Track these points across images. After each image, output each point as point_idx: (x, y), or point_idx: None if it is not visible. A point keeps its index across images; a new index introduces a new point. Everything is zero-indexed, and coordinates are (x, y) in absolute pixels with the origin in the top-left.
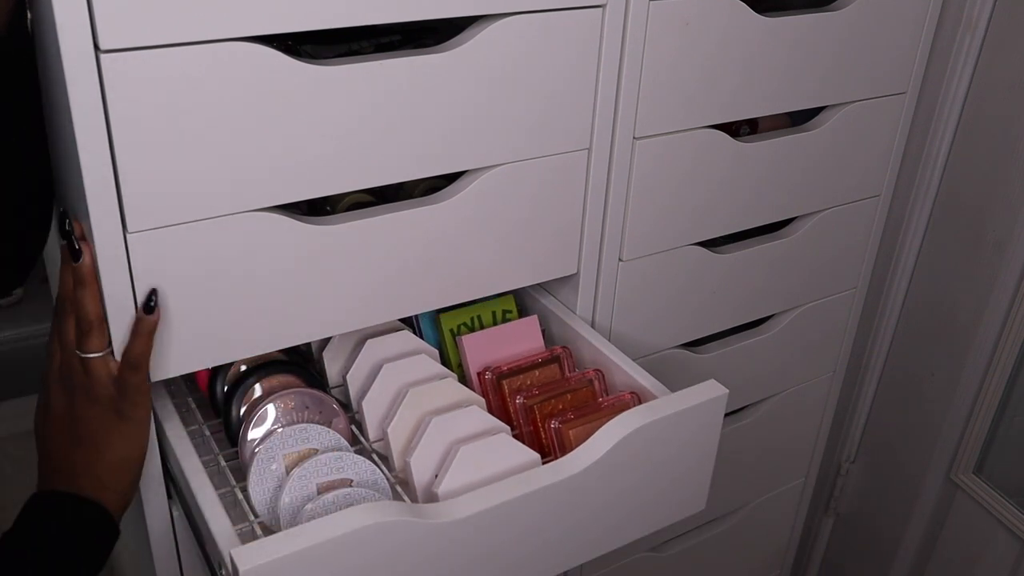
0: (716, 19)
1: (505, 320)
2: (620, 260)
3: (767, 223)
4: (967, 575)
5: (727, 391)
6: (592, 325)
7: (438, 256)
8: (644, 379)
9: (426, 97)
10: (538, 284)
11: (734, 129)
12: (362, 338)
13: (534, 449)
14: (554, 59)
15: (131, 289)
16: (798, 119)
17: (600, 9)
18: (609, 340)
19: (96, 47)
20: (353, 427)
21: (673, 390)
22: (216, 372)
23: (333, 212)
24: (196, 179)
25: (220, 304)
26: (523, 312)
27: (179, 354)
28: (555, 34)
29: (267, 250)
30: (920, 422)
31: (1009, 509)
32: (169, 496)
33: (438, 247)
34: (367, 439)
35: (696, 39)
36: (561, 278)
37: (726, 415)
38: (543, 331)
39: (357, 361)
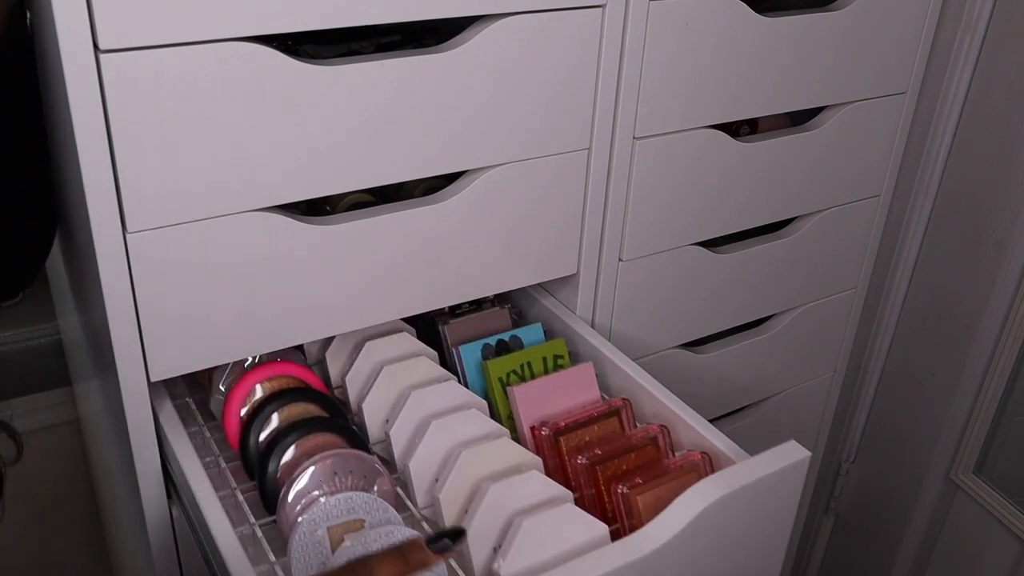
0: (716, 19)
1: (557, 366)
2: (620, 260)
3: (767, 223)
4: (967, 575)
5: (809, 453)
6: (592, 325)
7: (438, 256)
8: (714, 437)
9: (426, 97)
10: (538, 284)
11: (734, 129)
12: (406, 388)
13: (596, 513)
14: (554, 59)
15: (131, 290)
16: (798, 119)
17: (600, 9)
18: (609, 340)
19: (96, 47)
20: (398, 488)
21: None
22: (250, 424)
23: (333, 212)
24: (196, 179)
25: (220, 304)
26: (561, 343)
27: (179, 354)
28: (555, 34)
29: (267, 250)
30: (920, 422)
31: (1009, 509)
32: (168, 496)
33: (438, 247)
34: (414, 504)
35: (696, 39)
36: (561, 278)
37: (726, 415)
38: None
39: (402, 415)
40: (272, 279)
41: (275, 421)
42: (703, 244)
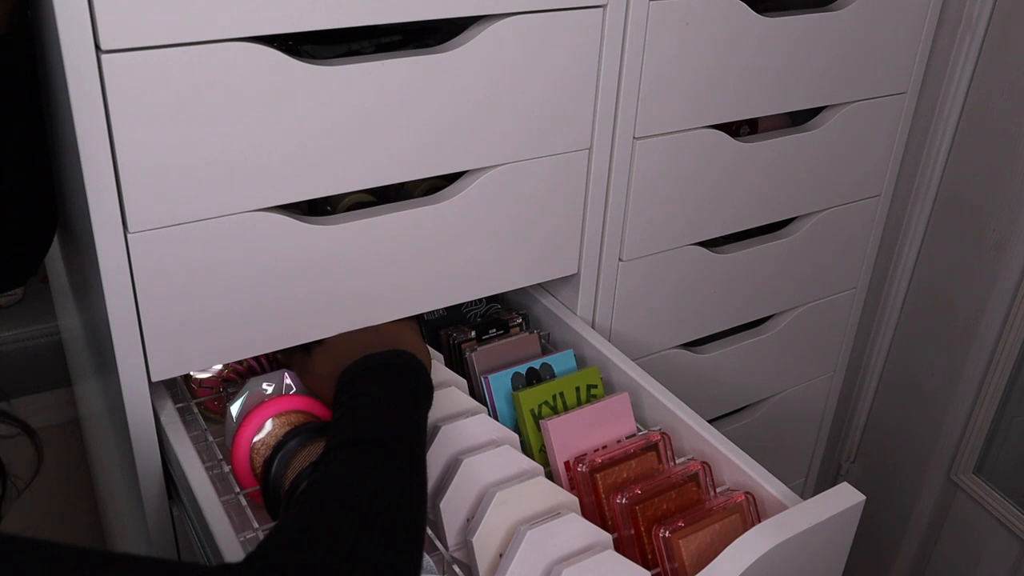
0: (716, 19)
1: (591, 396)
2: (620, 260)
3: (767, 223)
4: (967, 575)
5: (864, 497)
6: (592, 325)
7: (438, 256)
8: (753, 470)
9: (427, 97)
10: (538, 284)
11: (734, 129)
12: (435, 420)
13: (635, 553)
14: (554, 59)
15: (131, 289)
16: (798, 119)
17: (600, 9)
18: (609, 340)
19: (97, 47)
20: (428, 529)
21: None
22: (272, 461)
23: (333, 212)
24: (197, 179)
25: (221, 304)
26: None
27: (180, 354)
28: (555, 34)
29: (267, 250)
30: (920, 422)
31: (1009, 509)
32: (169, 496)
33: (438, 247)
34: (445, 545)
35: (696, 39)
36: (561, 278)
37: (726, 415)
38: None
39: (431, 450)
40: (273, 279)
41: (301, 458)
42: (703, 244)
